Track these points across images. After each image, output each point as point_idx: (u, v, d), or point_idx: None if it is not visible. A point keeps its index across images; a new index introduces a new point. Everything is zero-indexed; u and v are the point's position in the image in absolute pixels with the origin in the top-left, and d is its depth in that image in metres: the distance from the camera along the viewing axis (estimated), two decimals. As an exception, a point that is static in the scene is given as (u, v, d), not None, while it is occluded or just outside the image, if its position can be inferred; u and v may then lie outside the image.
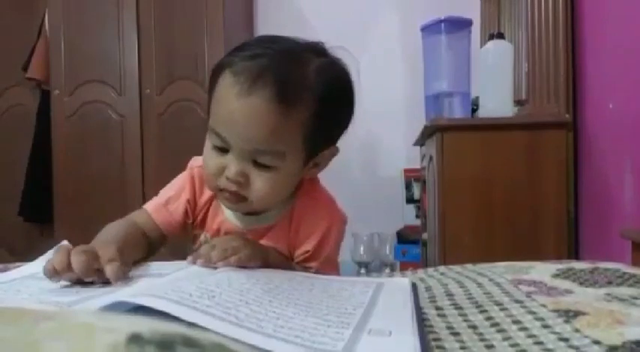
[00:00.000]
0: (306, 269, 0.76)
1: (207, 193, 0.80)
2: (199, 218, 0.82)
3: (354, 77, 0.74)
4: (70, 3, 2.62)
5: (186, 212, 0.80)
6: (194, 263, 0.63)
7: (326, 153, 0.75)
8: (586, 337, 0.41)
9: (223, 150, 0.69)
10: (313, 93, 0.68)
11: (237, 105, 0.65)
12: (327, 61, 0.72)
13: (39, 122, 2.67)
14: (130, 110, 2.60)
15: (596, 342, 0.39)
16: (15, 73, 2.73)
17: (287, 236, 0.78)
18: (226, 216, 0.80)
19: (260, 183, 0.69)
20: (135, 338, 0.20)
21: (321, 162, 0.76)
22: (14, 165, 2.70)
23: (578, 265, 0.68)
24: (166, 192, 0.81)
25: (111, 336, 0.20)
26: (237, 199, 0.70)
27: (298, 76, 0.67)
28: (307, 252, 0.77)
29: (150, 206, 0.80)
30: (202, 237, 0.82)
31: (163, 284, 0.51)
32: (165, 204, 0.79)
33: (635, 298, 0.51)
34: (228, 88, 0.66)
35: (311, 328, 0.40)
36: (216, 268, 0.61)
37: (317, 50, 0.72)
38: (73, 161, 2.62)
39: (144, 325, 0.21)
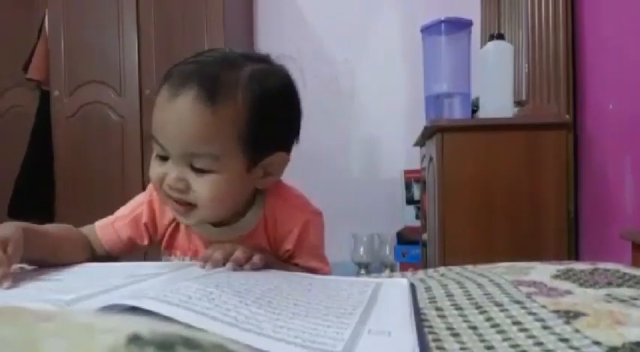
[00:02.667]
0: (295, 266, 0.75)
1: (169, 215, 0.79)
2: (165, 239, 0.81)
3: (299, 86, 0.74)
4: (70, 3, 2.62)
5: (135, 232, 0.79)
6: (203, 267, 0.63)
7: (273, 159, 0.72)
8: (586, 338, 0.41)
9: (165, 158, 0.69)
10: (244, 92, 0.67)
11: (167, 109, 0.67)
12: (264, 66, 0.72)
13: (37, 122, 2.67)
14: (130, 111, 2.60)
15: (597, 343, 0.39)
16: (15, 74, 2.73)
17: (266, 241, 0.77)
18: (197, 233, 0.78)
19: (200, 188, 0.68)
20: (135, 339, 0.20)
21: (272, 170, 0.74)
22: (15, 166, 2.70)
23: (578, 266, 0.68)
24: (119, 211, 0.82)
25: (110, 336, 0.20)
26: (183, 206, 0.69)
27: (227, 77, 0.67)
28: (288, 250, 0.76)
29: (98, 223, 0.81)
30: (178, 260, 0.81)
31: (162, 283, 0.51)
32: (114, 221, 0.80)
33: (635, 299, 0.51)
34: (161, 94, 0.68)
35: (311, 328, 0.40)
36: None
37: (256, 58, 0.73)
38: (73, 162, 2.62)
39: (144, 325, 0.21)
